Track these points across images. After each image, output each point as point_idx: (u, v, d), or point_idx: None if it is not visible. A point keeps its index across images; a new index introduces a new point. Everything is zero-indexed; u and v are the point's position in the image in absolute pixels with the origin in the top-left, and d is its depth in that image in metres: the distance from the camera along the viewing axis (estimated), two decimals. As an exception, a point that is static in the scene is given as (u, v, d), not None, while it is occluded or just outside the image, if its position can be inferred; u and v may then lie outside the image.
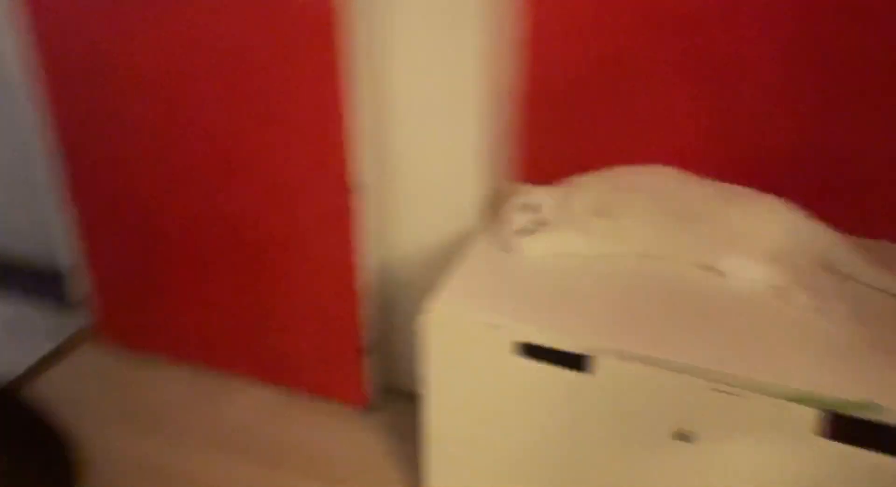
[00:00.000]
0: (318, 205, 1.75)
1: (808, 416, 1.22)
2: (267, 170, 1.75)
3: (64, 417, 1.74)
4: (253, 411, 1.96)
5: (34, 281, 2.40)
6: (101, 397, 2.00)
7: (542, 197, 1.58)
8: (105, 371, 2.09)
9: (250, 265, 1.89)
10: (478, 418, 1.51)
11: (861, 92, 1.53)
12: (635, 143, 1.71)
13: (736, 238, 1.51)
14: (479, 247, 1.61)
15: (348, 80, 1.58)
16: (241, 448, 1.84)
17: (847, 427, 1.21)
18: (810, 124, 1.59)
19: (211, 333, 2.03)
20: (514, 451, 1.52)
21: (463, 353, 1.45)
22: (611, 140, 1.72)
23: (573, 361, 1.36)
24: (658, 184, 1.61)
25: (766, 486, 1.31)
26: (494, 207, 1.72)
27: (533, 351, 1.38)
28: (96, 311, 2.16)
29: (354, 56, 1.57)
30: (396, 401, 1.97)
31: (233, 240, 1.88)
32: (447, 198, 1.74)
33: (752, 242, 1.50)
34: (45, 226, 2.31)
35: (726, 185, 1.59)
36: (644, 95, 1.66)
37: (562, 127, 1.74)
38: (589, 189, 1.60)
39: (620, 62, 1.64)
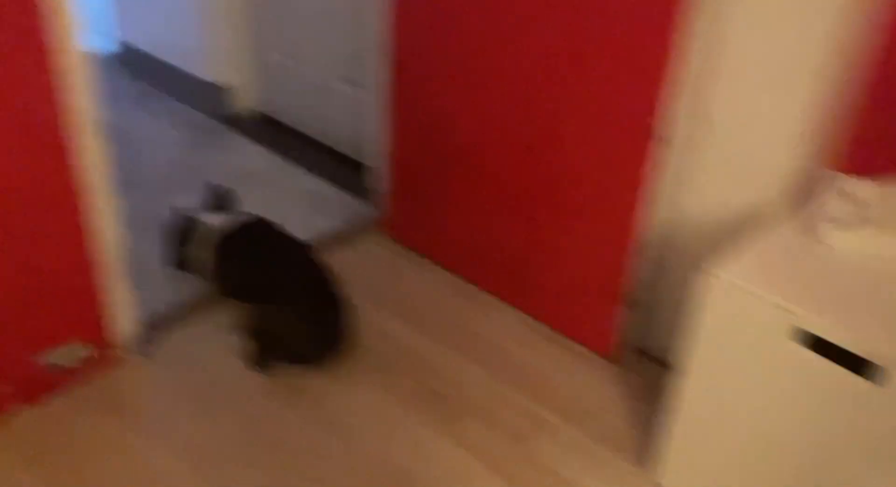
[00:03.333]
0: (618, 150, 1.75)
1: None
2: (575, 108, 1.78)
3: (344, 287, 1.94)
4: (505, 330, 2.05)
5: (341, 167, 2.66)
6: (376, 280, 2.20)
7: (870, 191, 1.46)
8: (384, 258, 2.29)
9: (535, 195, 1.95)
10: (733, 398, 1.46)
11: None
12: None
13: None
14: (779, 226, 1.52)
15: (682, 34, 1.55)
16: (484, 360, 1.94)
17: None
18: None
19: (480, 251, 2.14)
20: (761, 443, 1.45)
21: (736, 327, 1.40)
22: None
23: (859, 366, 1.26)
24: None
25: None
26: (803, 190, 1.61)
27: (814, 344, 1.30)
28: (385, 206, 2.35)
29: (695, 10, 1.53)
30: (642, 361, 1.96)
31: (525, 170, 1.95)
32: (754, 169, 1.66)
33: None
34: (361, 122, 2.54)
35: None
36: None
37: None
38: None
39: None
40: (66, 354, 1.75)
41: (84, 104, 1.57)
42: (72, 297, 1.73)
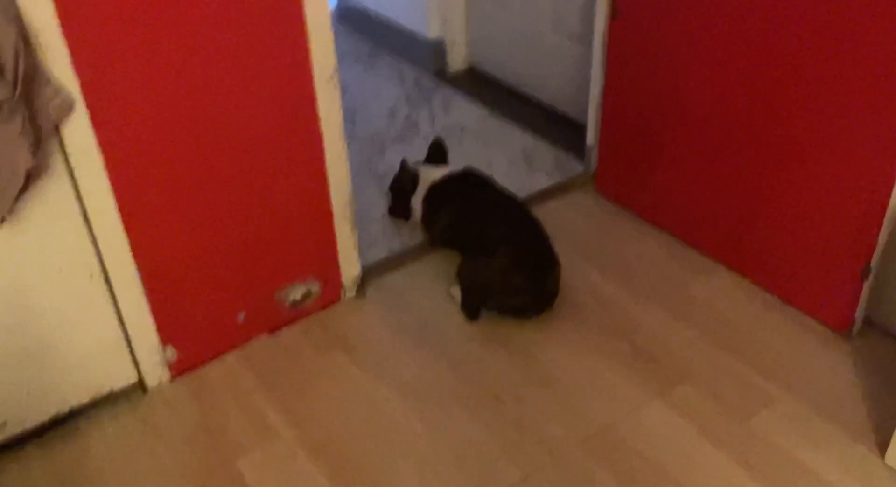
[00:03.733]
0: (867, 108, 1.60)
1: None
2: (823, 54, 1.64)
3: (554, 242, 1.94)
4: (722, 295, 1.96)
5: (553, 123, 2.64)
6: (585, 236, 2.18)
7: None
8: (594, 215, 2.26)
9: (768, 155, 1.83)
10: None
11: None
12: None
13: None
14: None
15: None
16: (700, 324, 1.87)
17: None
18: None
19: (700, 212, 2.05)
20: None
21: None
22: None
23: None
24: None
25: None
26: None
27: None
28: (598, 163, 2.31)
29: None
30: (878, 337, 1.81)
31: (757, 128, 1.83)
32: None
33: None
34: (575, 76, 2.50)
35: None
36: None
37: None
38: None
39: None
40: (302, 291, 1.89)
41: (326, 57, 1.66)
42: (311, 239, 1.85)
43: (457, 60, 2.98)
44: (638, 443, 1.61)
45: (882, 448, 1.55)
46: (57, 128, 1.41)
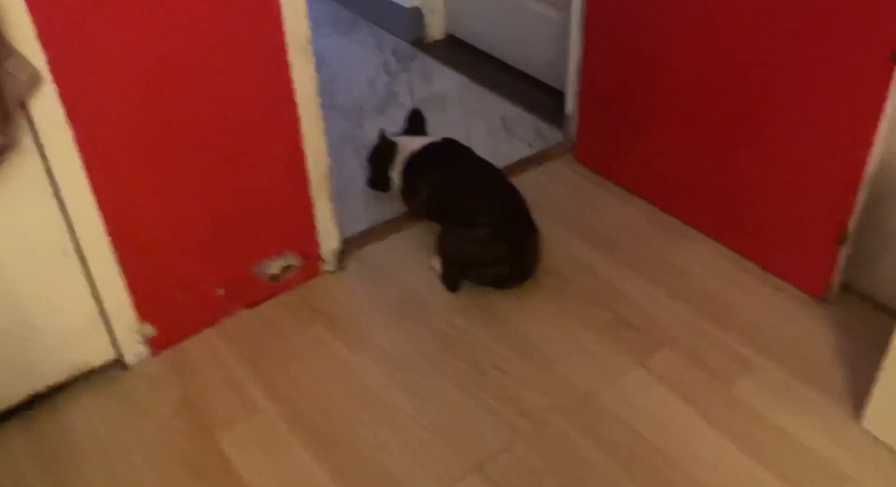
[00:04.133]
0: (844, 74, 1.60)
1: None
2: (800, 20, 1.63)
3: (533, 211, 1.93)
4: (702, 262, 1.97)
5: (532, 91, 2.62)
6: (565, 205, 2.17)
7: None
8: (574, 183, 2.25)
9: (746, 121, 1.83)
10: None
11: None
12: None
13: None
14: None
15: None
16: (680, 291, 1.88)
17: None
18: None
19: (679, 179, 2.05)
20: None
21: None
22: None
23: None
24: None
25: None
26: None
27: None
28: (578, 131, 2.30)
29: None
30: (856, 303, 1.83)
31: (735, 93, 1.82)
32: None
33: None
34: (554, 43, 2.47)
35: None
36: None
37: None
38: None
39: None
40: (281, 265, 1.88)
41: (299, 25, 1.62)
42: (288, 212, 1.83)
43: (435, 29, 2.94)
44: (620, 411, 1.62)
45: (860, 411, 1.58)
46: (23, 104, 1.37)
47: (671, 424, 1.59)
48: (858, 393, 1.61)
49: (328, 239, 1.93)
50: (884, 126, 1.58)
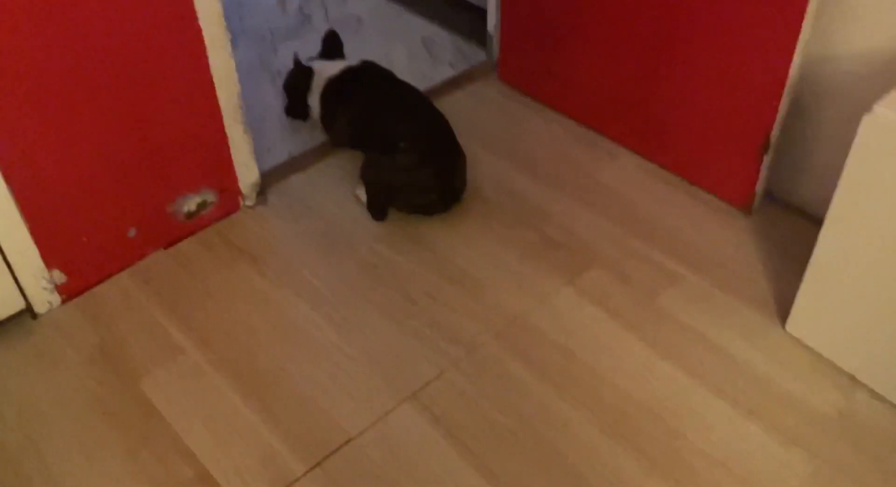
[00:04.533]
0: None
1: None
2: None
3: (458, 134, 1.88)
4: (627, 178, 1.95)
5: (453, 9, 2.52)
6: (490, 127, 2.12)
7: None
8: (499, 104, 2.19)
9: (664, 29, 1.79)
10: (881, 248, 1.35)
11: None
12: None
13: None
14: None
15: None
16: (606, 209, 1.87)
17: None
18: None
19: (601, 94, 2.01)
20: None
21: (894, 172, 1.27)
22: None
23: None
24: None
25: None
26: None
27: None
28: (502, 50, 2.22)
29: None
30: (779, 211, 1.84)
31: (649, 6, 1.78)
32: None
33: None
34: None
35: None
36: None
37: None
38: None
39: None
40: (196, 201, 1.79)
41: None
42: (200, 145, 1.73)
43: None
44: (550, 331, 1.62)
45: (783, 317, 1.61)
46: None
47: (600, 341, 1.60)
48: (782, 300, 1.64)
49: (245, 172, 1.84)
50: (805, 32, 1.56)
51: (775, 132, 1.72)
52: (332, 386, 1.53)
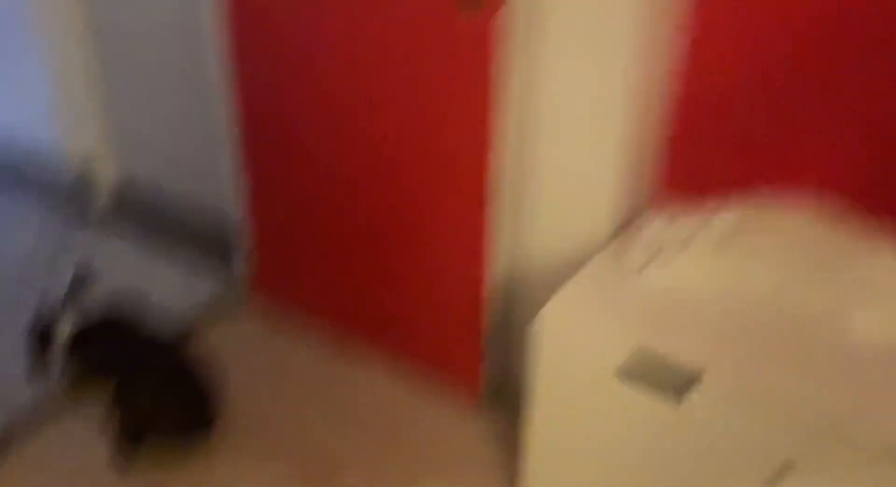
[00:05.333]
0: (454, 207, 1.85)
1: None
2: (413, 165, 1.87)
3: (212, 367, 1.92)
4: (376, 386, 2.09)
5: (205, 234, 2.59)
6: (247, 354, 2.19)
7: (670, 225, 1.60)
8: (254, 329, 2.29)
9: (385, 254, 2.04)
10: (575, 431, 1.56)
11: None
12: (786, 166, 1.67)
13: (875, 291, 1.47)
14: (601, 264, 1.63)
15: (500, 95, 1.67)
16: (360, 421, 1.98)
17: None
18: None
19: (349, 297, 2.18)
20: (609, 471, 1.55)
21: (566, 367, 1.50)
22: (762, 161, 1.68)
23: (675, 389, 1.37)
24: (796, 229, 1.60)
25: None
26: (628, 224, 1.72)
27: (634, 374, 1.41)
28: (254, 268, 2.36)
29: (509, 73, 1.65)
30: (510, 400, 1.99)
31: (372, 232, 2.04)
32: (583, 210, 1.76)
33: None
34: (219, 181, 2.43)
35: (869, 233, 1.55)
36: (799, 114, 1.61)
37: (713, 144, 1.69)
38: (721, 223, 1.60)
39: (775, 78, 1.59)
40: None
41: None
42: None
43: (101, 183, 2.85)
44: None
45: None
46: None
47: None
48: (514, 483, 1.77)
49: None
50: (494, 238, 1.83)
51: (489, 334, 1.94)
52: None
